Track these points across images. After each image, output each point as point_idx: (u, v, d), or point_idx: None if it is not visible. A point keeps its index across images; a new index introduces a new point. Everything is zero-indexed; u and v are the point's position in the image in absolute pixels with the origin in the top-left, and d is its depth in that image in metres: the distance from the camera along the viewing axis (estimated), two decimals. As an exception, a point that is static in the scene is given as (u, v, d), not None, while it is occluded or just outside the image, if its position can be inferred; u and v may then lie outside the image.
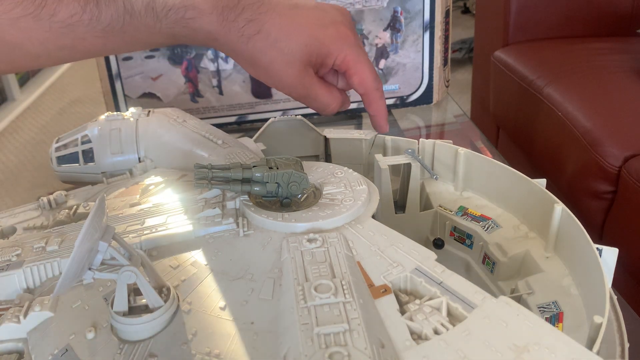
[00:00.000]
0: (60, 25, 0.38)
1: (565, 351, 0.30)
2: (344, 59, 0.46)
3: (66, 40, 0.39)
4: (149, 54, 0.86)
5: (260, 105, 0.90)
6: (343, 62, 0.46)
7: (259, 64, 0.45)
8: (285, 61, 0.44)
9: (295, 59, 0.44)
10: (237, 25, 0.42)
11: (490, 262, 0.46)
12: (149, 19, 0.40)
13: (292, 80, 0.45)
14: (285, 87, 0.46)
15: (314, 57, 0.45)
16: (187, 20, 0.41)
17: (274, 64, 0.44)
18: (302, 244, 0.39)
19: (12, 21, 0.36)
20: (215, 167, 0.43)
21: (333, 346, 0.29)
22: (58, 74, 2.26)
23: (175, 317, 0.35)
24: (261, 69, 0.45)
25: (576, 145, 1.05)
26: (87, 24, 0.38)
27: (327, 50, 0.45)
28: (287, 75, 0.45)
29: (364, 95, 0.49)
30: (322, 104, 0.48)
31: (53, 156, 0.63)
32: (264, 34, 0.43)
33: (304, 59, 0.45)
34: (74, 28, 0.38)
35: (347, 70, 0.47)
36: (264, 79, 0.46)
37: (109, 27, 0.39)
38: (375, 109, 0.49)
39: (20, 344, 0.37)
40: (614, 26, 1.43)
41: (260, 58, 0.44)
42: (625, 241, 0.95)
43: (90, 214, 0.32)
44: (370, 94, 0.48)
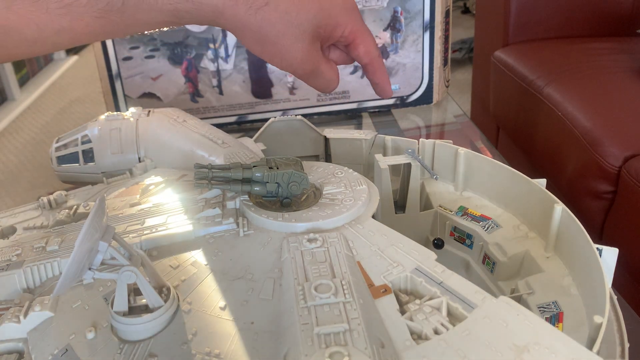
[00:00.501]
0: (58, 6, 0.37)
1: (565, 351, 0.30)
2: (352, 30, 0.45)
3: (64, 22, 0.37)
4: (149, 54, 0.86)
5: (260, 105, 0.90)
6: (351, 33, 0.45)
7: (267, 39, 0.43)
8: (295, 34, 0.43)
9: (304, 31, 0.43)
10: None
11: (490, 262, 0.46)
12: None
13: (301, 55, 0.44)
14: (292, 63, 0.45)
15: (322, 29, 0.44)
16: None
17: (283, 37, 0.42)
18: (302, 244, 0.39)
19: (8, 3, 0.35)
20: (215, 167, 0.43)
21: (333, 346, 0.29)
22: (58, 74, 2.26)
23: (175, 317, 0.35)
24: (268, 44, 0.43)
25: (576, 145, 1.05)
26: (85, 4, 0.37)
27: (336, 21, 0.44)
28: (296, 49, 0.43)
29: (369, 65, 0.48)
30: (326, 80, 0.47)
31: (53, 156, 0.63)
32: (272, 5, 0.41)
33: (313, 31, 0.43)
34: (73, 9, 0.37)
35: (353, 41, 0.46)
36: (270, 55, 0.44)
37: (107, 5, 0.38)
38: (379, 76, 0.48)
39: (20, 344, 0.37)
40: (614, 26, 1.43)
41: (269, 31, 0.42)
42: (625, 241, 0.95)
43: (90, 214, 0.32)
44: (374, 62, 0.47)
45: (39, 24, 0.37)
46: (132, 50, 0.85)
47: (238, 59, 0.87)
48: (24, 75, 2.12)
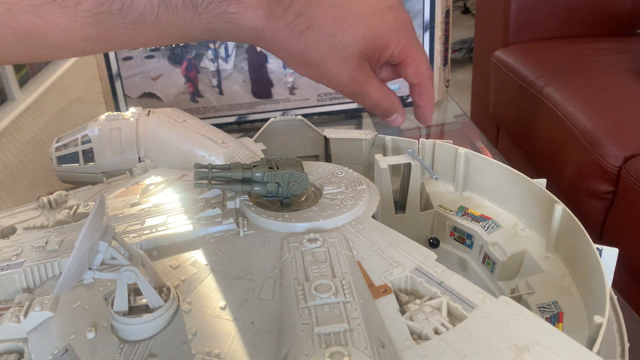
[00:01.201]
0: (87, 15, 0.34)
1: (565, 351, 0.30)
2: (403, 49, 0.42)
3: (92, 31, 0.35)
4: (149, 54, 0.86)
5: (260, 105, 0.90)
6: (401, 52, 0.42)
7: (311, 62, 0.41)
8: (340, 57, 0.40)
9: (351, 54, 0.40)
10: (285, 21, 0.38)
11: (490, 262, 0.46)
12: (187, 13, 0.36)
13: (346, 78, 0.42)
14: (337, 85, 0.43)
15: (370, 49, 0.41)
16: (230, 15, 0.37)
17: (327, 61, 0.40)
18: (303, 244, 0.39)
19: (35, 8, 0.33)
20: (215, 167, 0.43)
21: (333, 346, 0.29)
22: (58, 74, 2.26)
23: (176, 317, 0.35)
24: (312, 67, 0.41)
25: (576, 145, 1.05)
26: (116, 14, 0.35)
27: (385, 41, 0.41)
28: (342, 72, 0.41)
29: (417, 86, 0.45)
30: (373, 101, 0.44)
31: (53, 156, 0.63)
32: (316, 28, 0.38)
33: (360, 53, 0.41)
34: (102, 18, 0.35)
35: (403, 60, 0.43)
36: (314, 77, 0.42)
37: (140, 18, 0.35)
38: (425, 99, 0.45)
39: (20, 344, 0.37)
40: (614, 26, 1.43)
41: (312, 55, 0.40)
42: (625, 241, 0.95)
43: (91, 214, 0.32)
44: (423, 84, 0.44)
45: (65, 31, 0.35)
46: (132, 50, 0.85)
47: (238, 59, 0.87)
48: (24, 75, 2.12)
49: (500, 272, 0.45)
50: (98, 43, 0.36)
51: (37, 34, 0.34)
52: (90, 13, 0.34)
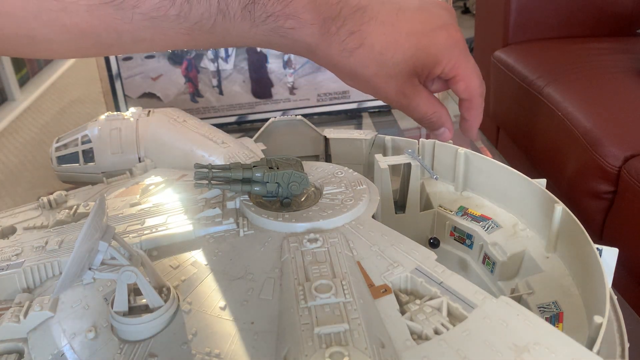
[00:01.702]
0: (143, 18, 0.34)
1: (565, 351, 0.30)
2: (453, 66, 0.42)
3: (146, 34, 0.35)
4: (149, 54, 0.86)
5: (260, 105, 0.90)
6: (452, 70, 0.43)
7: (360, 78, 0.42)
8: (389, 74, 0.41)
9: (400, 71, 0.41)
10: (338, 39, 0.39)
11: (490, 262, 0.46)
12: (245, 24, 0.36)
13: (394, 92, 0.43)
14: (385, 98, 0.44)
15: (419, 67, 0.42)
16: (286, 30, 0.38)
17: (376, 77, 0.41)
18: (303, 244, 0.39)
19: (91, 8, 0.33)
20: (215, 167, 0.43)
21: (333, 346, 0.29)
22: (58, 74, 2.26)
23: (176, 317, 0.35)
24: (362, 82, 0.42)
25: (576, 145, 1.05)
26: (173, 20, 0.34)
27: (435, 59, 0.42)
28: (390, 87, 0.42)
29: (466, 101, 0.45)
30: (420, 113, 0.45)
31: (53, 156, 0.63)
32: (367, 47, 0.40)
33: (409, 70, 0.42)
34: (158, 22, 0.34)
35: (454, 77, 0.44)
36: (363, 89, 0.43)
37: (196, 25, 0.35)
38: (473, 115, 0.46)
39: (20, 344, 0.37)
40: (614, 26, 1.43)
41: (362, 72, 0.41)
42: (625, 241, 0.95)
43: (91, 214, 0.32)
44: (473, 100, 0.45)
45: (119, 32, 0.34)
46: (132, 50, 0.85)
47: (238, 59, 0.87)
48: (24, 75, 2.12)
49: (500, 272, 0.45)
50: (150, 45, 0.36)
51: (90, 33, 0.34)
52: (147, 17, 0.34)
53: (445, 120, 0.46)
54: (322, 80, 0.90)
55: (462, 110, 0.46)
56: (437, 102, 0.45)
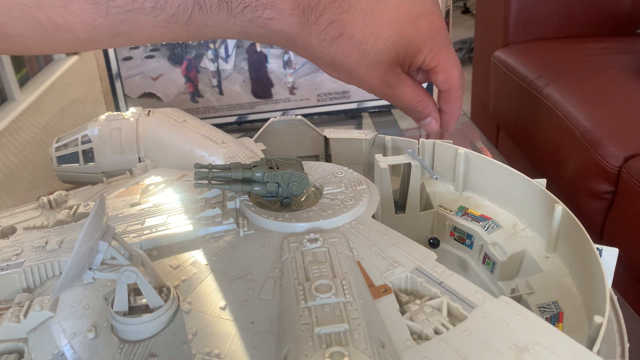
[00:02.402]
0: (118, 11, 0.34)
1: (565, 351, 0.30)
2: (434, 56, 0.42)
3: (122, 27, 0.35)
4: (149, 54, 0.86)
5: (260, 105, 0.90)
6: (432, 60, 0.42)
7: (342, 68, 0.41)
8: (371, 64, 0.40)
9: (382, 60, 0.40)
10: (318, 28, 0.38)
11: (490, 262, 0.46)
12: (221, 15, 0.36)
13: (377, 82, 0.42)
14: (369, 88, 0.43)
15: (401, 56, 0.41)
16: (264, 20, 0.37)
17: (358, 67, 0.41)
18: (303, 244, 0.39)
19: (65, 3, 0.33)
20: (215, 167, 0.43)
21: (333, 346, 0.29)
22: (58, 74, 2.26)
23: (176, 317, 0.35)
24: (344, 72, 0.42)
25: (576, 145, 1.05)
26: (148, 12, 0.34)
27: (417, 48, 0.41)
28: (372, 77, 0.42)
29: (445, 92, 0.45)
30: (406, 102, 0.44)
31: (53, 156, 0.63)
32: (348, 36, 0.39)
33: (391, 59, 0.41)
34: (134, 15, 0.34)
35: (434, 67, 0.43)
36: (346, 80, 0.43)
37: (173, 17, 0.35)
38: (451, 107, 0.45)
39: (20, 344, 0.37)
40: (614, 26, 1.43)
41: (344, 62, 0.40)
42: (625, 241, 0.95)
43: (91, 214, 0.32)
44: (452, 91, 0.44)
45: (95, 27, 0.34)
46: (132, 50, 0.85)
47: (238, 59, 0.87)
48: (24, 75, 2.12)
49: (500, 272, 0.45)
50: (127, 39, 0.36)
51: (66, 28, 0.34)
52: (122, 10, 0.34)
53: (432, 110, 0.45)
54: (322, 80, 0.90)
55: (441, 102, 0.46)
56: (422, 90, 0.44)
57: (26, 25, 0.33)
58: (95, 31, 0.34)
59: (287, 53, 0.88)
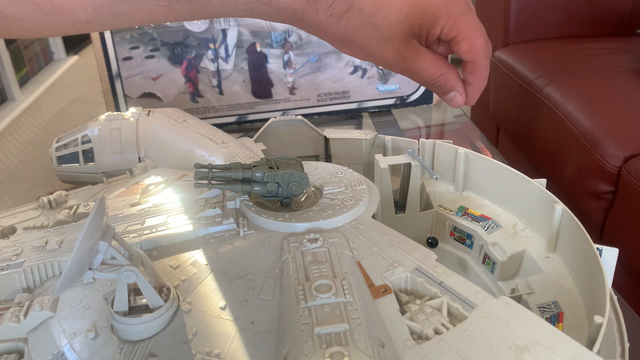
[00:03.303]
0: None
1: (565, 351, 0.30)
2: (453, 25, 0.39)
3: (122, 7, 0.34)
4: (149, 54, 0.86)
5: (260, 105, 0.90)
6: (451, 29, 0.39)
7: (353, 44, 0.39)
8: (384, 37, 0.38)
9: (394, 33, 0.38)
10: (325, 3, 0.37)
11: (491, 262, 0.46)
12: None
13: (393, 56, 0.40)
14: (385, 63, 0.41)
15: (416, 28, 0.39)
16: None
17: (370, 41, 0.38)
18: (303, 244, 0.39)
19: None
20: (215, 167, 0.43)
21: (333, 346, 0.29)
22: (58, 74, 2.26)
23: (176, 317, 0.35)
24: (356, 48, 0.40)
25: (576, 145, 1.04)
26: None
27: (433, 18, 0.38)
28: (386, 51, 0.39)
29: (469, 63, 0.42)
30: (426, 77, 0.42)
31: (53, 156, 0.63)
32: (356, 9, 0.37)
33: (405, 32, 0.38)
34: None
35: (455, 37, 0.40)
36: (360, 57, 0.41)
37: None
38: (477, 78, 0.42)
39: (20, 344, 0.37)
40: (614, 26, 1.43)
41: (355, 37, 0.38)
42: (625, 241, 0.95)
43: (91, 214, 0.32)
44: (477, 61, 0.41)
45: (95, 8, 0.33)
46: (132, 50, 0.85)
47: (238, 59, 0.87)
48: (24, 75, 2.12)
49: (500, 272, 0.45)
50: (128, 19, 0.35)
51: (64, 10, 0.33)
52: None
53: (455, 83, 0.42)
54: (322, 80, 0.90)
55: (466, 73, 0.42)
56: (443, 63, 0.42)
57: (24, 8, 0.32)
58: (94, 12, 0.34)
59: (287, 53, 0.88)
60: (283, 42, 0.88)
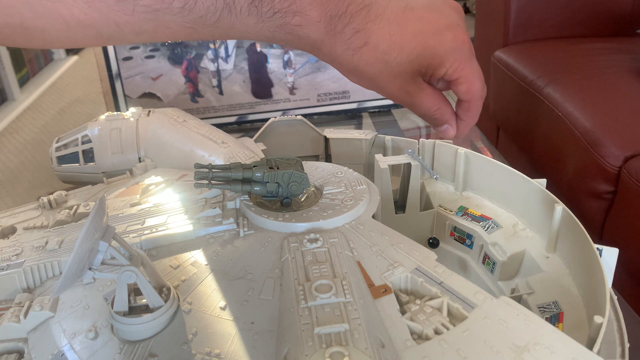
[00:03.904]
0: (145, 10, 0.33)
1: (565, 351, 0.30)
2: (456, 69, 0.42)
3: (147, 26, 0.34)
4: (149, 54, 0.86)
5: (260, 105, 0.90)
6: (455, 72, 0.42)
7: (364, 76, 0.41)
8: (393, 73, 0.41)
9: (404, 70, 0.41)
10: (343, 37, 0.39)
11: (491, 262, 0.46)
12: (250, 19, 0.36)
13: (398, 90, 0.42)
14: (389, 95, 0.44)
15: (424, 67, 0.42)
16: (292, 27, 0.37)
17: (380, 75, 0.41)
18: (303, 244, 0.39)
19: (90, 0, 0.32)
20: (215, 167, 0.43)
21: (333, 346, 0.29)
22: (58, 74, 2.26)
23: (176, 317, 0.35)
24: (365, 79, 0.42)
25: (576, 145, 1.04)
26: (176, 13, 0.34)
27: (440, 61, 0.41)
28: (393, 85, 0.42)
29: (466, 103, 0.45)
30: (424, 109, 0.45)
31: (53, 156, 0.63)
32: (372, 46, 0.39)
33: (413, 70, 0.41)
34: (160, 15, 0.33)
35: (456, 80, 0.43)
36: (366, 86, 0.43)
37: (201, 19, 0.35)
38: (469, 116, 0.46)
39: (20, 344, 0.37)
40: (614, 26, 1.43)
41: (366, 70, 0.41)
42: (625, 241, 0.95)
43: (91, 214, 0.32)
44: (472, 102, 0.45)
45: (119, 25, 0.34)
46: (132, 50, 0.85)
47: (238, 59, 0.87)
48: (24, 75, 2.12)
49: (500, 272, 0.45)
50: (150, 37, 0.36)
51: (88, 24, 0.33)
52: (149, 9, 0.33)
53: (449, 118, 0.46)
54: (322, 80, 0.90)
55: (460, 110, 0.46)
56: (441, 98, 0.45)
57: (47, 21, 0.32)
58: (119, 28, 0.34)
59: (287, 53, 0.88)
60: (283, 42, 0.88)
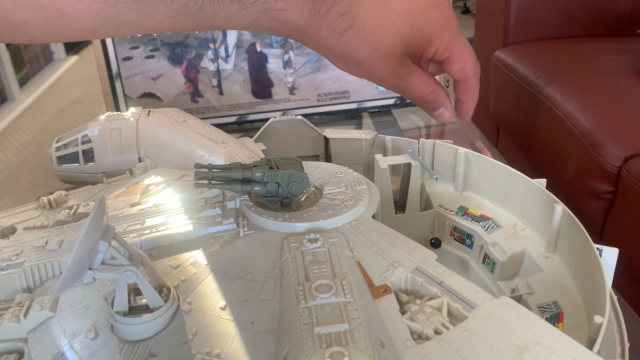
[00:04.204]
0: (128, 1, 0.33)
1: (565, 351, 0.30)
2: (446, 47, 0.41)
3: (131, 16, 0.34)
4: (149, 54, 0.86)
5: (260, 105, 0.90)
6: (445, 50, 0.41)
7: (351, 60, 0.41)
8: (381, 56, 0.40)
9: (391, 52, 0.40)
10: (328, 20, 0.38)
11: (491, 262, 0.46)
12: (233, 6, 0.36)
13: (387, 73, 0.42)
14: (379, 80, 0.43)
15: (412, 48, 0.41)
16: (276, 12, 0.37)
17: (368, 59, 0.40)
18: (303, 243, 0.39)
19: None
20: (215, 167, 0.43)
21: (333, 346, 0.29)
22: (58, 74, 2.26)
23: (176, 317, 0.35)
24: (352, 64, 0.42)
25: (576, 145, 1.04)
26: (158, 2, 0.34)
27: (429, 39, 0.41)
28: (383, 68, 0.41)
29: (461, 82, 0.44)
30: (417, 93, 0.44)
31: (53, 156, 0.63)
32: (357, 28, 0.39)
33: (402, 51, 0.40)
34: (143, 5, 0.34)
35: (447, 58, 0.42)
36: (355, 73, 0.43)
37: (183, 8, 0.35)
38: (468, 96, 0.45)
39: (20, 344, 0.37)
40: (614, 26, 1.43)
41: (353, 54, 0.40)
42: (625, 241, 0.95)
43: (91, 214, 0.32)
44: (468, 80, 0.44)
45: (103, 16, 0.34)
46: (132, 50, 0.85)
47: (238, 59, 0.87)
48: (24, 75, 2.12)
49: (500, 272, 0.45)
50: (135, 28, 0.36)
51: (72, 16, 0.33)
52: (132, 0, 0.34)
53: (444, 100, 0.45)
54: (322, 80, 0.90)
55: (458, 92, 0.45)
56: (433, 81, 0.44)
57: (31, 13, 0.32)
58: (102, 20, 0.34)
59: (287, 53, 0.88)
60: (283, 42, 0.88)
